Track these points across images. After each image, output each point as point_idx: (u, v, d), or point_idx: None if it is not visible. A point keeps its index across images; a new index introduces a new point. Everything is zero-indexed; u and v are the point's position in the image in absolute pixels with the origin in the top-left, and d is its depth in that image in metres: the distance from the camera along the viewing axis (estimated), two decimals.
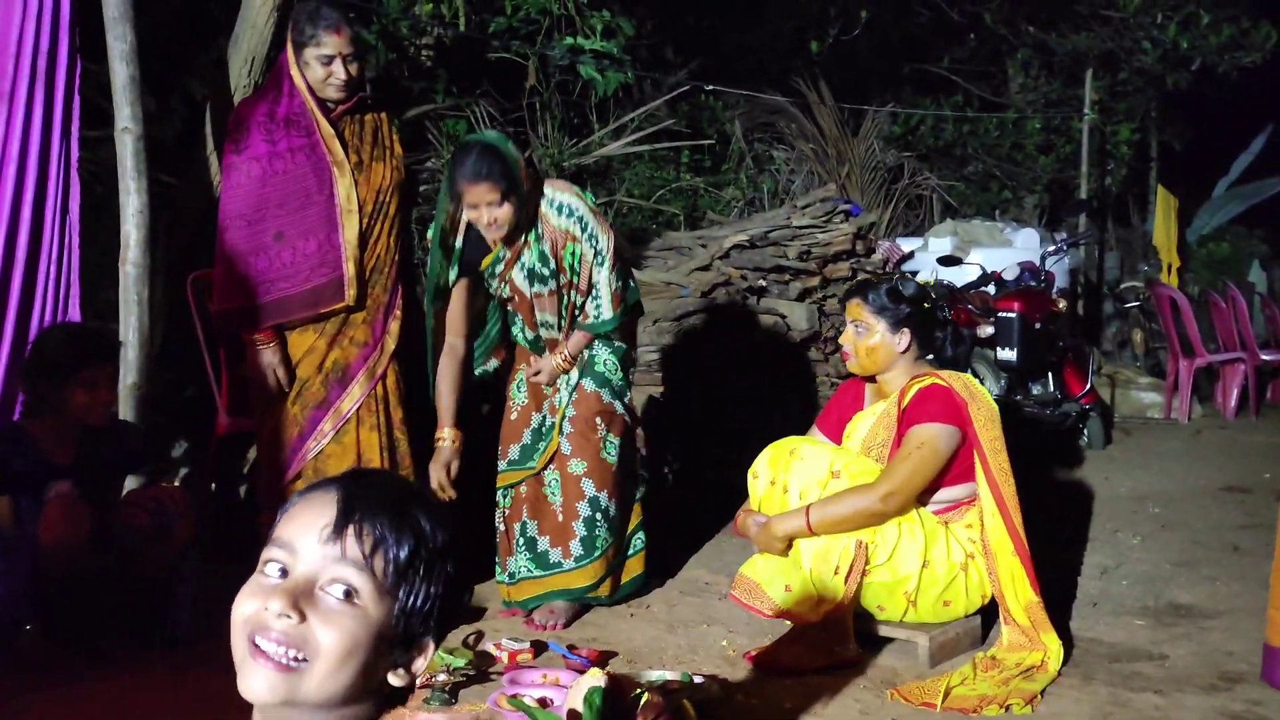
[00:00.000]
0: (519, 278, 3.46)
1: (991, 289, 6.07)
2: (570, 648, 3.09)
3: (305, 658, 1.13)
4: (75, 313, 3.54)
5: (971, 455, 3.09)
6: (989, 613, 3.20)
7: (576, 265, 3.43)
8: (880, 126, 8.89)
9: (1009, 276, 6.08)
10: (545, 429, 3.52)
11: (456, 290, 3.51)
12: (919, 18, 9.34)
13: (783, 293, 5.43)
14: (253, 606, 1.15)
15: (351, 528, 1.15)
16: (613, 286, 3.43)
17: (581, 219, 3.42)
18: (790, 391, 5.25)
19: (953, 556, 3.09)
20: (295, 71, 3.32)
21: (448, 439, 3.46)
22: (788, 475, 3.11)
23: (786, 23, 8.79)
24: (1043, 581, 3.08)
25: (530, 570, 3.47)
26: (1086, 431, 6.10)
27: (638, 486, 3.64)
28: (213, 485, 4.26)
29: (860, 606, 3.10)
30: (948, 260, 6.50)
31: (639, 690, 2.58)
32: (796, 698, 2.83)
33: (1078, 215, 9.09)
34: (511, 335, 3.65)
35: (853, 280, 5.51)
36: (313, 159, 3.32)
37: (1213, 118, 10.87)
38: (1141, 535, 4.42)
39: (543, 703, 2.66)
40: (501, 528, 3.56)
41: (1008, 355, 5.65)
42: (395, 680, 1.19)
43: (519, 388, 3.58)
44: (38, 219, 3.48)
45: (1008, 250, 7.29)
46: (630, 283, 3.57)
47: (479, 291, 3.55)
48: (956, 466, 3.11)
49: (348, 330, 3.41)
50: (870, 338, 3.24)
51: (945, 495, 3.14)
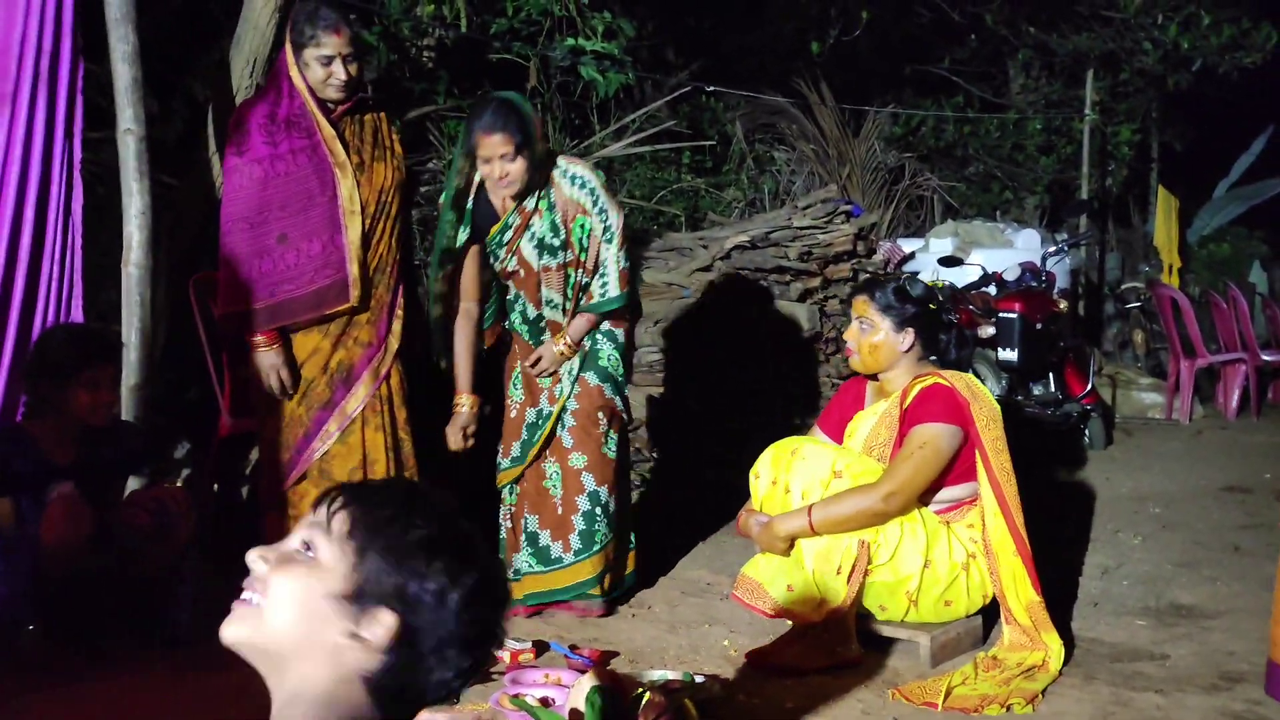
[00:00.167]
0: (528, 248, 3.44)
1: (992, 289, 6.07)
2: (572, 647, 3.10)
3: (261, 598, 1.25)
4: (78, 314, 3.54)
5: (973, 455, 3.09)
6: (990, 612, 3.20)
7: (585, 240, 3.42)
8: (881, 127, 8.89)
9: (1010, 277, 6.08)
10: (541, 419, 3.50)
11: (470, 256, 3.52)
12: (920, 18, 9.35)
13: (784, 293, 5.43)
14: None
15: (329, 500, 1.28)
16: (620, 265, 3.41)
17: (594, 191, 3.42)
18: (792, 386, 5.25)
19: (954, 556, 3.09)
20: (295, 72, 3.30)
21: (465, 404, 3.50)
22: (789, 475, 3.11)
23: (787, 24, 8.79)
24: (1044, 581, 3.08)
25: (532, 566, 3.48)
26: (1087, 432, 6.10)
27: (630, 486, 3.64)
28: (215, 486, 4.26)
29: (862, 606, 3.10)
30: (949, 261, 6.49)
31: (641, 690, 2.58)
32: (798, 697, 2.83)
33: (1078, 216, 9.09)
34: (509, 323, 3.61)
35: (853, 281, 5.52)
36: (314, 160, 3.31)
37: (1213, 118, 10.87)
38: (1142, 535, 4.42)
39: (545, 702, 2.66)
40: (508, 524, 3.57)
41: (1009, 356, 5.66)
42: (360, 655, 1.22)
43: (516, 385, 3.57)
44: (40, 220, 3.49)
45: (1009, 251, 7.29)
46: (636, 278, 3.56)
47: (487, 261, 3.55)
48: (958, 466, 3.11)
49: (352, 331, 3.41)
50: (874, 335, 3.24)
51: (947, 495, 3.14)
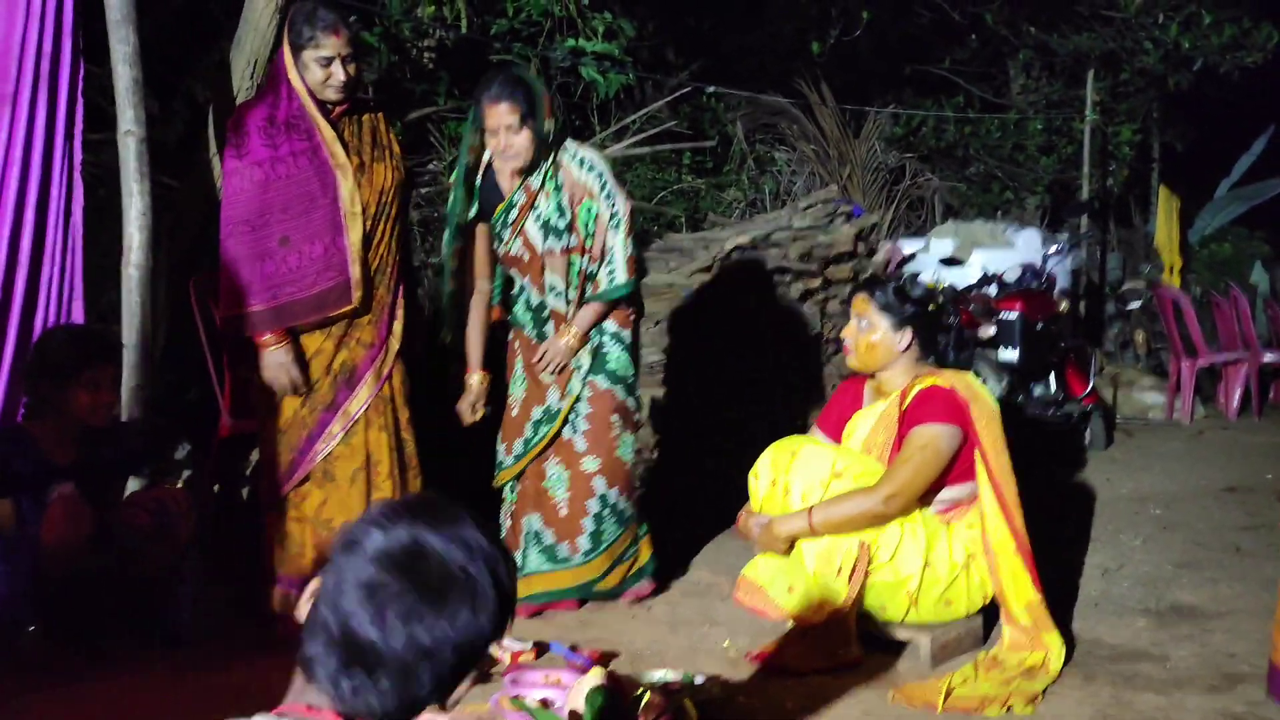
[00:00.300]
0: (533, 229, 3.45)
1: (993, 290, 6.06)
2: (572, 648, 3.10)
3: None
4: (78, 315, 3.54)
5: (973, 455, 3.09)
6: (991, 613, 3.20)
7: (591, 225, 3.43)
8: (882, 128, 8.89)
9: (1010, 277, 6.07)
10: (548, 416, 3.50)
11: (481, 235, 3.57)
12: (920, 19, 9.35)
13: (784, 294, 5.43)
14: None
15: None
16: (627, 251, 3.43)
17: (601, 176, 3.44)
18: (792, 376, 5.26)
19: (954, 556, 3.09)
20: (293, 74, 3.29)
21: (475, 381, 3.58)
22: (789, 476, 3.10)
23: (787, 24, 8.79)
24: (1044, 581, 3.08)
25: (540, 565, 3.49)
26: (1088, 432, 6.10)
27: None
28: (215, 486, 4.26)
29: (862, 607, 3.10)
30: (949, 261, 6.50)
31: (640, 691, 2.58)
32: (798, 698, 2.83)
33: (1079, 216, 9.09)
34: (511, 316, 3.62)
35: (854, 281, 5.51)
36: (315, 162, 3.30)
37: (1214, 118, 10.86)
38: (1143, 536, 4.42)
39: (544, 703, 2.66)
40: (509, 523, 3.57)
41: (1009, 356, 5.65)
42: None
43: (516, 383, 3.58)
44: (40, 221, 3.49)
45: (1009, 251, 7.28)
46: (641, 262, 3.57)
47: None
48: (958, 466, 3.10)
49: (354, 332, 3.41)
50: (872, 334, 3.24)
51: (947, 495, 3.14)
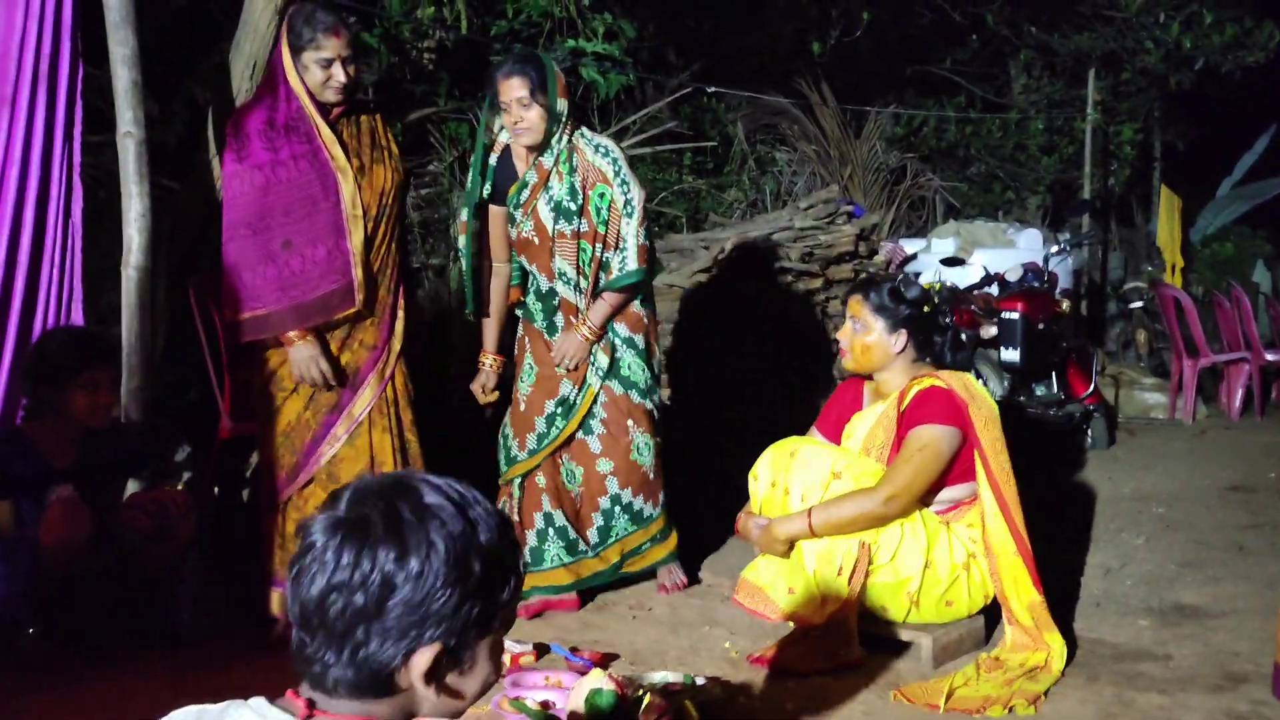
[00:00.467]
0: (544, 210, 3.49)
1: (994, 290, 6.06)
2: (573, 649, 3.09)
3: None
4: (78, 317, 3.54)
5: (972, 455, 3.08)
6: (993, 613, 3.19)
7: (604, 211, 3.47)
8: (883, 128, 8.89)
9: (1012, 277, 6.07)
10: (563, 409, 3.53)
11: (496, 217, 3.63)
12: (921, 19, 9.35)
13: (785, 294, 5.43)
14: None
15: None
16: (640, 240, 3.47)
17: (616, 162, 3.49)
18: (793, 378, 5.25)
19: (954, 556, 3.08)
20: (293, 75, 3.27)
21: (489, 363, 3.69)
22: (789, 477, 3.10)
23: (788, 24, 8.79)
24: (1045, 581, 3.07)
25: (561, 559, 3.54)
26: (1090, 432, 6.09)
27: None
28: (215, 488, 4.26)
29: (863, 607, 3.09)
30: (951, 261, 6.49)
31: (641, 692, 2.58)
32: (799, 699, 2.83)
33: (1081, 216, 9.08)
34: (521, 309, 3.66)
35: (855, 281, 5.51)
36: (316, 165, 3.29)
37: (1216, 117, 10.85)
38: (1146, 535, 4.41)
39: (545, 705, 2.66)
40: (516, 519, 3.58)
41: (1011, 356, 5.65)
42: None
43: (526, 378, 3.61)
44: (40, 223, 3.49)
45: (1011, 251, 7.28)
46: (653, 252, 3.61)
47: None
48: (958, 467, 3.10)
49: (357, 334, 3.41)
50: (867, 335, 3.23)
51: (947, 495, 3.13)
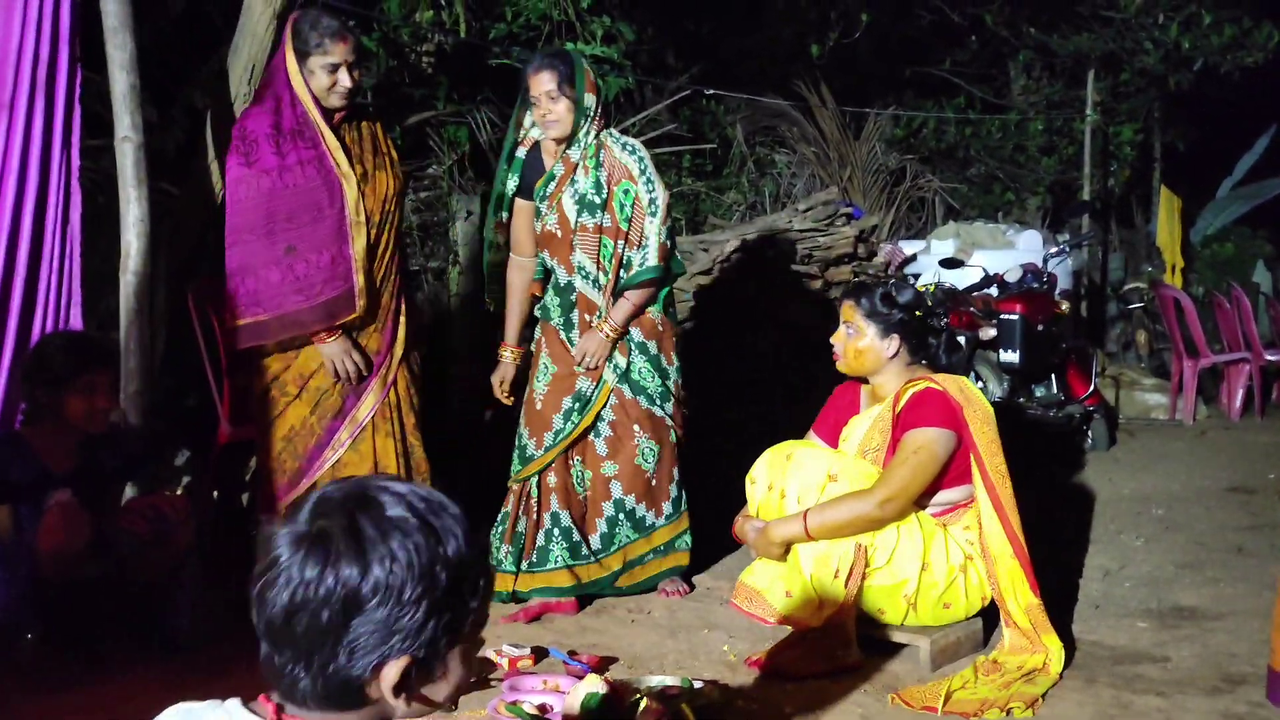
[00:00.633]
0: (569, 202, 3.55)
1: (994, 291, 6.06)
2: (571, 653, 3.09)
3: None
4: (77, 321, 3.54)
5: (968, 458, 3.08)
6: (990, 615, 3.19)
7: (628, 208, 3.52)
8: (882, 129, 8.89)
9: (1011, 278, 6.07)
10: (583, 400, 3.56)
11: (521, 211, 3.70)
12: (920, 20, 9.35)
13: (784, 296, 5.42)
14: None
15: None
16: (660, 238, 3.52)
17: (642, 161, 3.57)
18: (793, 379, 5.25)
19: (951, 559, 3.08)
20: (298, 81, 3.28)
21: (508, 356, 3.75)
22: (785, 480, 3.10)
23: (787, 27, 8.79)
24: (1043, 583, 3.06)
25: (565, 560, 3.55)
26: (1090, 433, 6.09)
27: (680, 488, 3.68)
28: (214, 493, 4.26)
29: (861, 610, 3.09)
30: (950, 262, 6.49)
31: (638, 696, 2.58)
32: (797, 703, 2.82)
33: (1080, 216, 9.09)
34: (539, 309, 3.69)
35: (848, 285, 5.51)
36: (321, 171, 3.30)
37: (1215, 118, 10.85)
38: (1145, 537, 4.41)
39: (542, 709, 2.66)
40: (527, 518, 3.60)
41: (1010, 357, 5.65)
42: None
43: (542, 377, 3.63)
44: (39, 228, 3.49)
45: (1010, 252, 7.28)
46: (676, 252, 3.67)
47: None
48: (953, 469, 3.09)
49: (360, 339, 3.42)
50: (859, 340, 3.23)
51: (943, 498, 3.13)
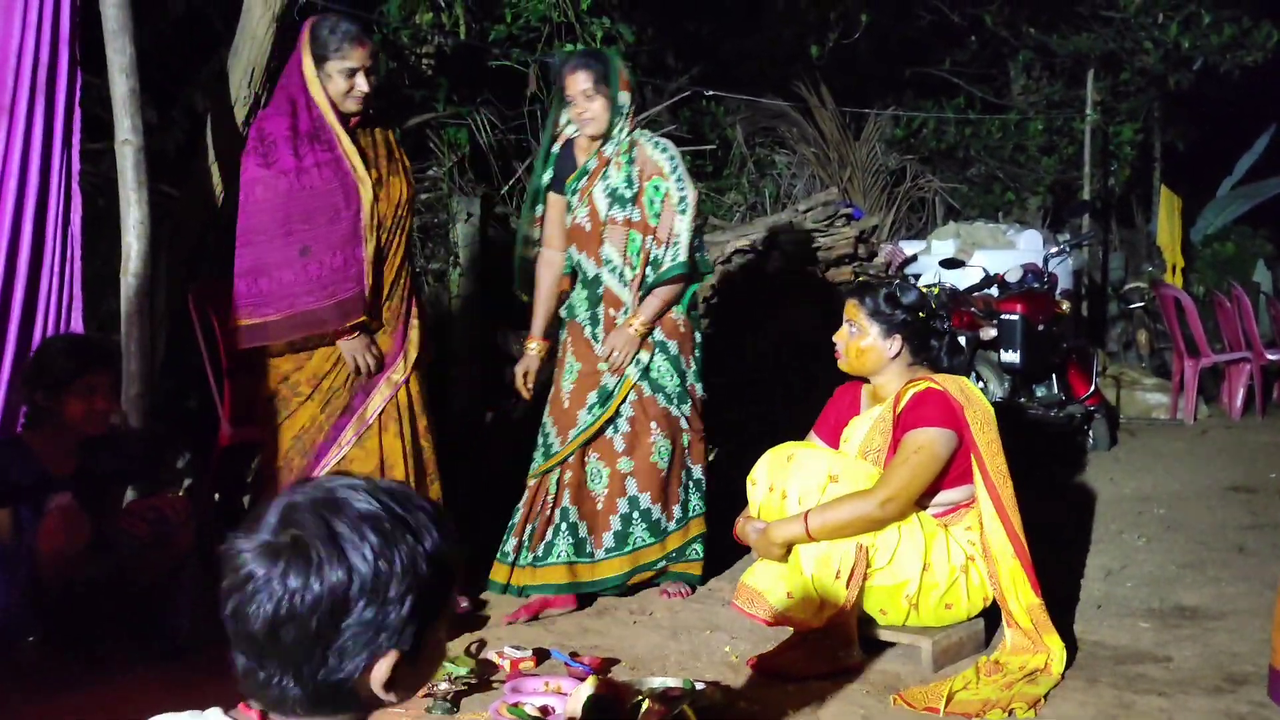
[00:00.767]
0: (599, 195, 3.63)
1: (994, 291, 6.05)
2: (573, 655, 3.09)
3: None
4: (78, 324, 3.54)
5: (969, 458, 3.08)
6: (992, 616, 3.19)
7: (657, 204, 3.59)
8: (882, 130, 8.89)
9: (1012, 278, 6.07)
10: (605, 394, 3.59)
11: (553, 205, 3.76)
12: (919, 21, 9.34)
13: (784, 297, 5.43)
14: None
15: None
16: (689, 237, 3.59)
17: (673, 159, 3.64)
18: (793, 379, 5.25)
19: (953, 559, 3.08)
20: (315, 84, 3.30)
21: (534, 349, 3.80)
22: (786, 481, 3.09)
23: (787, 28, 8.78)
24: (1044, 583, 3.06)
25: (568, 556, 3.57)
26: (1091, 433, 6.09)
27: (696, 494, 3.70)
28: (215, 495, 4.27)
29: (862, 611, 3.09)
30: (950, 263, 6.48)
31: (639, 698, 2.58)
32: (799, 703, 2.82)
33: (1081, 216, 9.08)
34: (565, 309, 3.73)
35: (852, 285, 5.51)
36: (338, 174, 3.32)
37: (1215, 117, 10.85)
38: (1147, 536, 4.41)
39: (544, 711, 2.66)
40: (546, 513, 3.62)
41: (1011, 357, 5.64)
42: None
43: (567, 377, 3.68)
44: (39, 231, 3.49)
45: (1011, 252, 7.28)
46: (703, 252, 3.72)
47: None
48: (954, 469, 3.09)
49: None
50: (862, 339, 3.23)
51: (944, 498, 3.13)
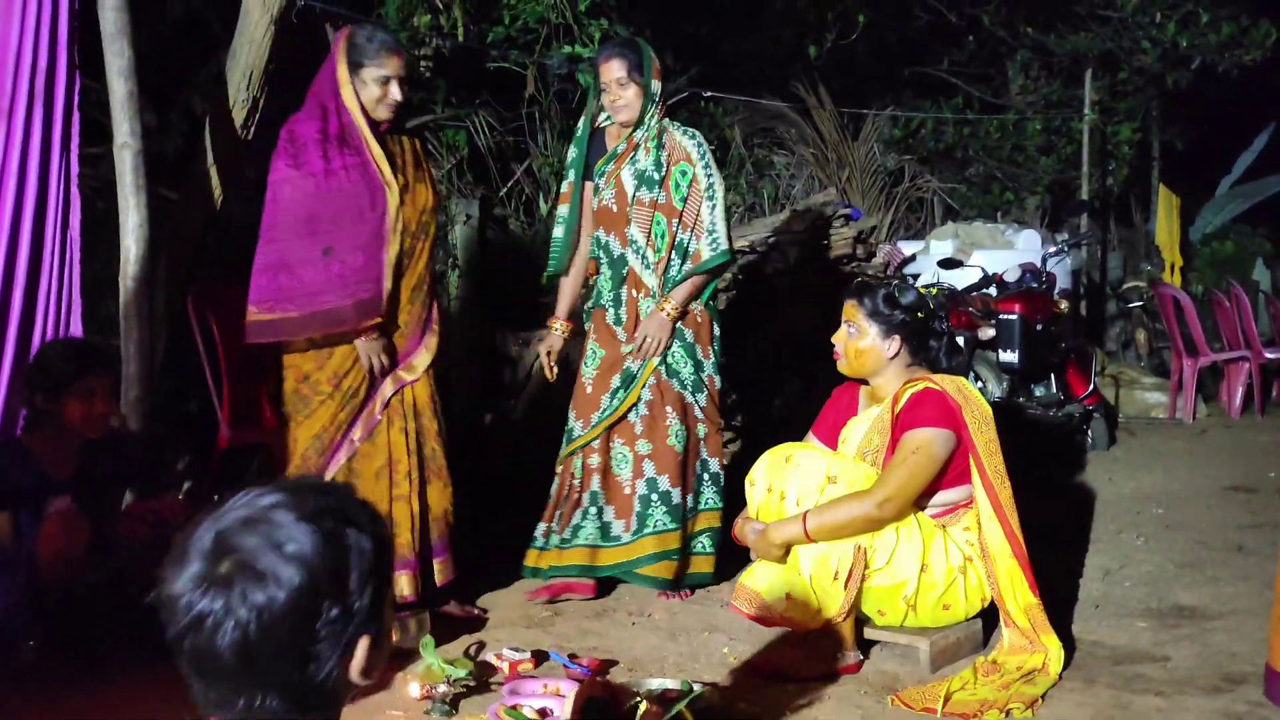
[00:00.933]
0: (627, 177, 3.71)
1: (993, 291, 6.06)
2: (571, 656, 3.09)
3: None
4: (77, 327, 3.56)
5: (967, 458, 3.08)
6: (990, 616, 3.19)
7: (684, 188, 3.67)
8: (880, 130, 8.90)
9: (1010, 278, 6.07)
10: (629, 378, 3.66)
11: (583, 189, 3.84)
12: (917, 21, 9.35)
13: (783, 297, 5.43)
14: None
15: None
16: (727, 225, 3.68)
17: (701, 147, 3.72)
18: (793, 380, 5.25)
19: (951, 560, 3.09)
20: (348, 90, 3.36)
21: (558, 329, 3.89)
22: (784, 482, 3.10)
23: (785, 28, 8.80)
24: (1042, 583, 3.07)
25: (593, 539, 3.63)
26: (1090, 432, 6.09)
27: (712, 488, 3.72)
28: (215, 497, 4.27)
29: (860, 612, 3.10)
30: (949, 263, 6.49)
31: (636, 700, 2.58)
32: (797, 704, 2.83)
33: (1079, 216, 9.09)
34: (595, 292, 3.78)
35: (851, 285, 5.51)
36: (365, 177, 3.37)
37: (1214, 116, 10.85)
38: (1145, 536, 4.41)
39: (543, 713, 2.66)
40: (574, 497, 3.67)
41: (1009, 357, 5.65)
42: None
43: (589, 363, 3.75)
44: (38, 234, 3.50)
45: (1009, 252, 7.29)
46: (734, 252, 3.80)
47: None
48: (952, 470, 3.10)
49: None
50: (861, 340, 3.24)
51: (942, 498, 3.14)
